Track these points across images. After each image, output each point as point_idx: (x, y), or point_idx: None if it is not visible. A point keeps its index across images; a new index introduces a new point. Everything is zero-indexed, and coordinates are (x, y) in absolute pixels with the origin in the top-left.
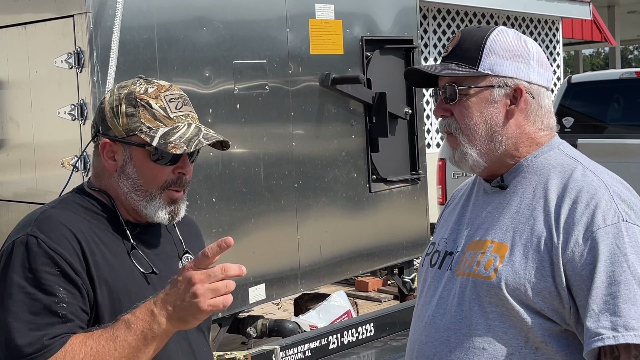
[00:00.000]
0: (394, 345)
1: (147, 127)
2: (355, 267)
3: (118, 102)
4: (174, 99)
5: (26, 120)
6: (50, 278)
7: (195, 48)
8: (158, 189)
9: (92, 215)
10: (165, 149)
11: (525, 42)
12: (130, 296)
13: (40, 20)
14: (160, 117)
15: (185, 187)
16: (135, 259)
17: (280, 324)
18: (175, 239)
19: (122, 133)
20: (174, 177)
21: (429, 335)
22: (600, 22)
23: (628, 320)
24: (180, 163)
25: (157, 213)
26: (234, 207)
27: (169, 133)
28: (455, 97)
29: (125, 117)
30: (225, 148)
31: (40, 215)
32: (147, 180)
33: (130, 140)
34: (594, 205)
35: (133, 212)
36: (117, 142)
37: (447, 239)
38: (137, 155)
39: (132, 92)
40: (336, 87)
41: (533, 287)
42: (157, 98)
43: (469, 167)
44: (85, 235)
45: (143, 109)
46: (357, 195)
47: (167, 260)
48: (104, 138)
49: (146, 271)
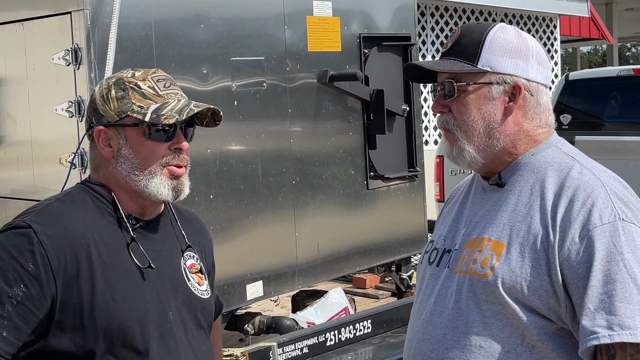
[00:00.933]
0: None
1: (139, 106)
2: (353, 264)
3: (107, 89)
4: (162, 79)
5: (23, 117)
6: (19, 270)
7: (192, 45)
8: (157, 166)
9: (94, 209)
10: (159, 122)
11: (525, 39)
12: (125, 294)
13: (38, 17)
14: (150, 96)
15: (185, 164)
16: (134, 252)
17: (277, 320)
18: (177, 235)
19: (115, 117)
20: (170, 152)
21: (426, 333)
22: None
23: (624, 319)
24: (175, 139)
25: (160, 190)
26: (231, 204)
27: (160, 107)
28: (454, 93)
29: (115, 101)
30: (218, 122)
31: (45, 207)
32: (144, 158)
33: (124, 122)
34: (591, 203)
35: (136, 199)
36: (110, 127)
37: (446, 237)
38: (132, 136)
39: (120, 78)
40: (334, 84)
41: (529, 285)
42: (145, 80)
43: (467, 163)
44: (85, 233)
45: (132, 90)
46: (354, 192)
47: (169, 256)
48: (97, 127)
49: (143, 265)
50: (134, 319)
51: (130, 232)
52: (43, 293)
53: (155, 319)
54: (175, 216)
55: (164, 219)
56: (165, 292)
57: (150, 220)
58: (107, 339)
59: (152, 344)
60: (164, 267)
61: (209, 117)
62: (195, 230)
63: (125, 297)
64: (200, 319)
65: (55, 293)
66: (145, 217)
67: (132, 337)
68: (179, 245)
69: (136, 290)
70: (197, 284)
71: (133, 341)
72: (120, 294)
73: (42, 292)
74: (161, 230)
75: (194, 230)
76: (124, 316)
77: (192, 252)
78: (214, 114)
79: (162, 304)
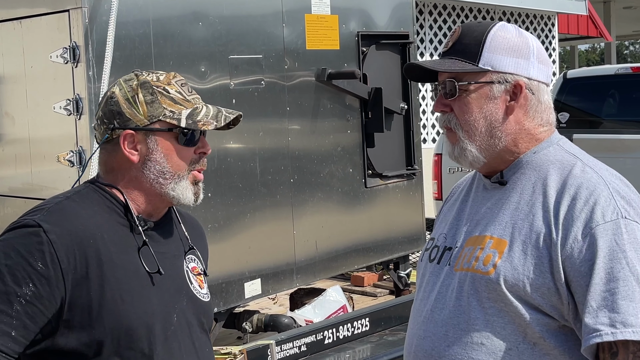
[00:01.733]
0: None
1: (170, 111)
2: (351, 262)
3: (133, 92)
4: (185, 84)
5: (21, 115)
6: (28, 269)
7: (191, 43)
8: (185, 171)
9: (105, 209)
10: (196, 127)
11: (526, 37)
12: (133, 295)
13: (36, 15)
14: (179, 101)
15: (204, 168)
16: (144, 256)
17: (276, 318)
18: (181, 236)
19: (145, 121)
20: (196, 157)
21: (427, 330)
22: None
23: (626, 316)
24: (200, 143)
25: (185, 194)
26: (229, 202)
27: (193, 114)
28: (455, 92)
29: (145, 105)
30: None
31: (55, 205)
32: (175, 163)
33: (155, 126)
34: (593, 201)
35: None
36: (139, 131)
37: (446, 235)
38: (163, 140)
39: (146, 81)
40: (332, 82)
41: (532, 283)
42: (170, 84)
43: (469, 163)
44: (96, 234)
45: (161, 95)
46: (352, 190)
47: (173, 259)
48: (123, 130)
49: (152, 270)
50: (141, 320)
51: (142, 235)
52: (52, 293)
53: (160, 321)
54: (179, 218)
55: (168, 220)
56: (170, 295)
57: (157, 222)
58: (114, 340)
59: (157, 346)
60: (169, 270)
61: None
62: (195, 233)
63: (133, 299)
64: (202, 322)
65: (64, 293)
66: (153, 218)
67: (138, 338)
68: (182, 247)
69: (143, 292)
70: (199, 287)
71: (139, 342)
72: (129, 295)
73: (51, 292)
74: (166, 232)
75: (195, 233)
76: (131, 317)
77: (194, 255)
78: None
79: (167, 306)
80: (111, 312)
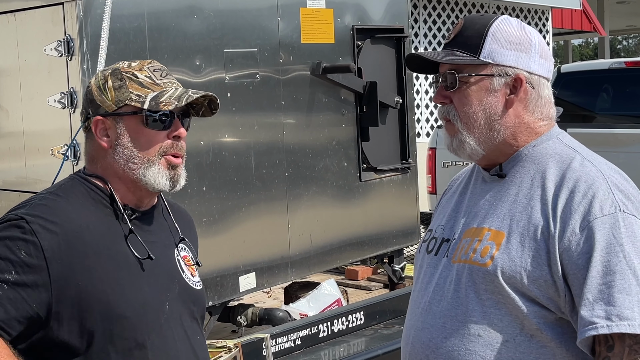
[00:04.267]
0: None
1: (136, 94)
2: (346, 255)
3: (104, 80)
4: (158, 69)
5: (16, 108)
6: (11, 257)
7: (185, 36)
8: (156, 155)
9: (90, 201)
10: (158, 109)
11: (528, 32)
12: (123, 284)
13: (30, 8)
14: (147, 85)
15: (182, 154)
16: (132, 243)
17: (270, 312)
18: (171, 227)
19: (113, 106)
20: (169, 142)
21: (425, 322)
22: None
23: (622, 309)
24: (173, 127)
25: (157, 179)
26: (224, 196)
27: (158, 95)
28: (455, 84)
29: (113, 91)
30: (215, 111)
31: (39, 200)
32: (143, 147)
33: (122, 110)
34: (592, 195)
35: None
36: (108, 117)
37: (444, 226)
38: (130, 124)
39: (117, 68)
40: (327, 76)
41: (529, 275)
42: (142, 69)
43: (467, 155)
44: (79, 223)
45: (129, 80)
46: (347, 184)
47: (163, 248)
48: (94, 117)
49: (142, 257)
50: (132, 309)
51: (128, 224)
52: (35, 281)
53: (153, 310)
54: (168, 209)
55: (157, 211)
56: (162, 283)
57: (145, 212)
58: (105, 330)
59: (151, 335)
60: (160, 259)
61: (206, 106)
62: (185, 225)
63: (124, 288)
64: (194, 310)
65: (49, 281)
66: (141, 208)
67: (130, 327)
68: (173, 238)
69: (134, 280)
70: (191, 275)
71: (132, 331)
72: (119, 284)
73: (34, 280)
74: (155, 222)
75: (185, 225)
76: (122, 307)
77: (185, 245)
78: (210, 102)
79: (159, 294)
80: (100, 302)
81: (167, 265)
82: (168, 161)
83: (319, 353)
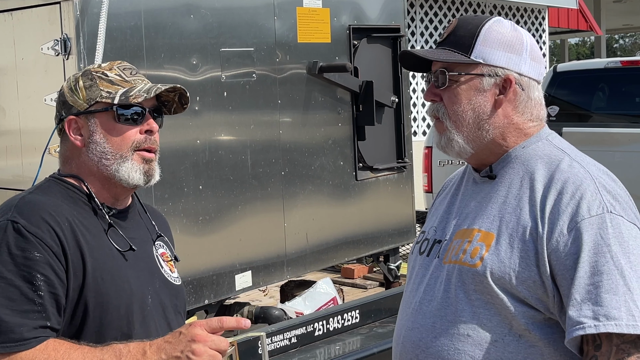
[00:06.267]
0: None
1: (107, 92)
2: (341, 254)
3: (75, 81)
4: (128, 68)
5: (12, 107)
6: (28, 263)
7: (182, 35)
8: (128, 150)
9: (69, 200)
10: (127, 102)
11: (520, 33)
12: (113, 274)
13: (27, 7)
14: (117, 82)
15: (155, 148)
16: (112, 238)
17: (266, 310)
18: (147, 224)
19: (84, 105)
20: (141, 137)
21: (415, 322)
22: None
23: (609, 309)
24: (144, 121)
25: (131, 174)
26: (220, 194)
27: (128, 90)
28: (446, 82)
29: (84, 90)
30: (185, 106)
31: (20, 201)
32: (116, 143)
33: (93, 108)
34: (579, 196)
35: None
36: (80, 115)
37: (437, 228)
38: (102, 121)
39: (87, 69)
40: (323, 76)
41: (517, 275)
42: (112, 69)
43: (456, 153)
44: (68, 218)
45: (99, 79)
46: (343, 183)
47: (142, 244)
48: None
49: (124, 249)
50: (121, 299)
51: (107, 218)
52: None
53: (138, 301)
54: (144, 207)
55: (133, 209)
56: (144, 277)
57: (121, 210)
58: (95, 318)
59: (135, 325)
60: (140, 254)
61: (177, 102)
62: (161, 223)
63: (113, 278)
64: (177, 304)
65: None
66: (117, 206)
67: (118, 317)
68: (150, 235)
69: (121, 272)
70: (170, 271)
71: (119, 321)
72: (108, 274)
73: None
74: (132, 219)
75: (160, 223)
76: (111, 296)
77: (162, 242)
78: (180, 97)
79: (142, 287)
80: (93, 291)
81: (147, 261)
82: (141, 156)
83: (315, 351)
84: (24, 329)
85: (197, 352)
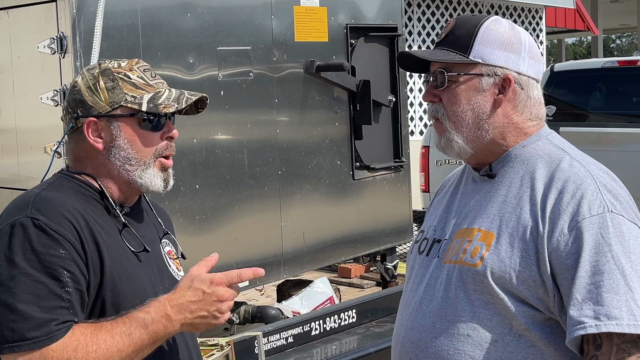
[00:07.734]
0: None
1: (132, 96)
2: (338, 253)
3: (94, 80)
4: (147, 70)
5: (8, 105)
6: (53, 260)
7: (179, 34)
8: (151, 157)
9: (81, 197)
10: (157, 111)
11: (518, 32)
12: (128, 274)
13: (23, 5)
14: (141, 86)
15: (173, 154)
16: (126, 238)
17: (263, 310)
18: (154, 222)
19: (107, 107)
20: (164, 143)
21: (415, 321)
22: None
23: (610, 309)
24: (166, 128)
25: (153, 181)
26: (217, 193)
27: (154, 97)
28: (445, 83)
29: (106, 92)
30: (200, 110)
31: (36, 197)
32: (140, 149)
33: (117, 112)
34: (580, 195)
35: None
36: (102, 118)
37: (436, 227)
38: (126, 126)
39: (107, 68)
40: (320, 75)
41: (518, 275)
42: (132, 70)
43: (455, 153)
44: (83, 215)
45: (122, 81)
46: (340, 182)
47: (150, 242)
48: (86, 118)
49: (138, 249)
50: (136, 299)
51: (121, 218)
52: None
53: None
54: (150, 205)
55: (140, 207)
56: (155, 276)
57: (131, 207)
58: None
59: None
60: (151, 253)
61: (192, 105)
62: (166, 220)
63: (129, 278)
64: None
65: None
66: (127, 204)
67: None
68: (157, 232)
69: (135, 271)
70: (177, 269)
71: None
72: (125, 273)
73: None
74: (140, 218)
75: (165, 220)
76: (127, 295)
77: (168, 240)
78: (198, 102)
79: (154, 287)
80: (111, 289)
81: (157, 260)
82: (162, 164)
83: (311, 351)
84: (52, 325)
85: (223, 310)
